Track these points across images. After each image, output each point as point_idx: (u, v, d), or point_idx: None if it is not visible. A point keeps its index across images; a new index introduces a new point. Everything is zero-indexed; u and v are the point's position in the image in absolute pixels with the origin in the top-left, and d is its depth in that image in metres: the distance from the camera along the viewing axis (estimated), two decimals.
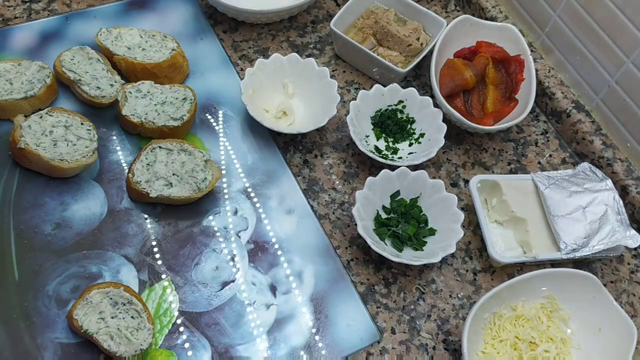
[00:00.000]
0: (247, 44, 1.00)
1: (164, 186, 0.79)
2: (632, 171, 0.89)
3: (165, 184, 0.79)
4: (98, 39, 0.90)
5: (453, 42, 0.96)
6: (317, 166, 0.89)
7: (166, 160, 0.80)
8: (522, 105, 0.92)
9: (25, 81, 0.84)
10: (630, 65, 0.85)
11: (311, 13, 1.06)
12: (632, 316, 0.80)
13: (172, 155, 0.81)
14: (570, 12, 0.93)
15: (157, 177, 0.79)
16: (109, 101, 0.86)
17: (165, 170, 0.79)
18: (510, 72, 0.95)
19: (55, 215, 0.79)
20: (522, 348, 0.73)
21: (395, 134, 0.91)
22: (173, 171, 0.80)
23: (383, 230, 0.81)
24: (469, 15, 0.97)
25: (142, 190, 0.78)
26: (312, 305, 0.76)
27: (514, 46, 0.95)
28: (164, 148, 0.81)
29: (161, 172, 0.79)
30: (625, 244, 0.79)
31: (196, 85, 0.93)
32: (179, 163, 0.80)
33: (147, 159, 0.80)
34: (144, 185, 0.78)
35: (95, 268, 0.75)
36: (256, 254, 0.79)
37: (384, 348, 0.75)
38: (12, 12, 0.97)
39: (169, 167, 0.80)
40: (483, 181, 0.85)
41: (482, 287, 0.81)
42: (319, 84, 0.91)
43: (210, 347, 0.72)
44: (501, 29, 0.96)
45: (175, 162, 0.80)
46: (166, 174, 0.79)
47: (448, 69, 0.92)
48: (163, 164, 0.80)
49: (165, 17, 1.00)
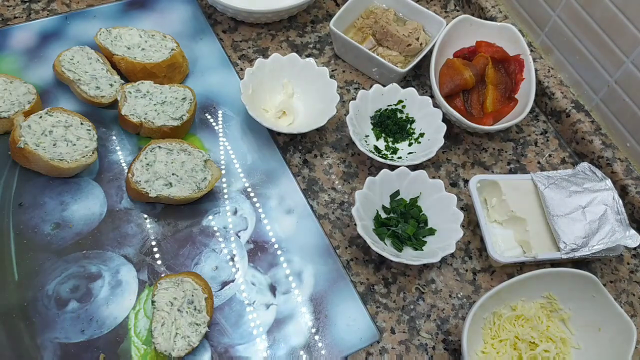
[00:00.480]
0: (246, 44, 1.00)
1: (164, 186, 0.79)
2: (632, 171, 0.89)
3: (165, 184, 0.79)
4: (97, 38, 0.90)
5: (453, 41, 0.96)
6: (316, 166, 0.89)
7: (166, 160, 0.80)
8: (522, 105, 0.92)
9: (8, 101, 0.82)
10: (630, 65, 0.85)
11: (311, 13, 1.06)
12: (631, 316, 0.80)
13: (172, 155, 0.81)
14: (569, 11, 0.93)
15: (156, 177, 0.79)
16: (108, 101, 0.87)
17: (165, 170, 0.79)
18: (509, 72, 0.95)
19: (55, 215, 0.79)
20: (522, 348, 0.73)
21: (395, 134, 0.91)
22: (173, 171, 0.80)
23: (383, 230, 0.81)
24: (469, 15, 0.97)
25: (142, 190, 0.78)
26: (311, 305, 0.76)
27: (513, 46, 0.95)
28: (164, 148, 0.81)
29: (161, 171, 0.79)
30: (625, 244, 0.79)
31: (196, 85, 0.93)
32: (179, 163, 0.80)
33: (146, 159, 0.80)
34: (144, 185, 0.78)
35: (94, 268, 0.75)
36: (256, 253, 0.79)
37: (384, 348, 0.75)
38: (11, 12, 0.97)
39: (168, 167, 0.80)
40: (483, 181, 0.85)
41: (482, 287, 0.81)
42: (318, 84, 0.91)
43: (210, 347, 0.72)
44: (501, 29, 0.96)
45: (175, 162, 0.80)
46: (166, 173, 0.79)
47: (448, 68, 0.92)
48: (163, 164, 0.80)
49: (164, 17, 1.00)
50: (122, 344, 0.71)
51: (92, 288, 0.74)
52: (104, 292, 0.74)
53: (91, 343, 0.70)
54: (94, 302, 0.73)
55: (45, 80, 0.90)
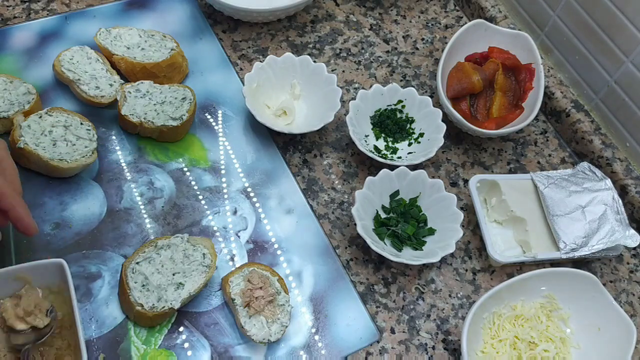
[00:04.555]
0: (246, 44, 1.00)
1: (176, 291, 0.72)
2: (631, 171, 0.89)
3: (175, 289, 0.72)
4: (97, 38, 0.90)
5: (465, 45, 0.96)
6: (316, 166, 0.89)
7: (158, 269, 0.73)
8: (527, 112, 0.91)
9: (7, 101, 0.82)
10: (630, 65, 0.85)
11: (310, 13, 1.06)
12: (631, 316, 0.80)
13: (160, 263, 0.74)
14: (569, 11, 0.93)
15: (159, 289, 0.72)
16: (108, 101, 0.86)
17: (165, 279, 0.72)
18: (519, 79, 0.94)
19: (55, 215, 0.79)
20: (522, 348, 0.73)
21: (395, 134, 0.91)
22: (173, 271, 0.73)
23: (382, 229, 0.81)
24: (484, 20, 0.97)
25: (162, 312, 0.70)
26: (311, 305, 0.76)
27: (526, 54, 0.94)
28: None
29: (161, 280, 0.72)
30: (625, 244, 0.80)
31: (195, 85, 0.93)
32: (171, 263, 0.73)
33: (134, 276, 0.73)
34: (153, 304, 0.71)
35: (94, 268, 0.75)
36: (255, 253, 0.79)
37: (384, 348, 0.75)
38: (11, 12, 0.97)
39: (164, 274, 0.72)
40: (482, 181, 0.85)
41: (482, 287, 0.81)
42: (325, 90, 0.91)
43: (210, 346, 0.72)
44: (515, 37, 0.96)
45: (166, 264, 0.73)
46: (167, 281, 0.72)
47: (457, 71, 0.92)
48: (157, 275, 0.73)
49: (164, 17, 1.00)
50: (122, 344, 0.71)
51: (91, 288, 0.74)
52: (103, 292, 0.74)
53: (91, 343, 0.70)
54: (93, 302, 0.73)
55: (45, 80, 0.90)
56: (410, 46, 1.05)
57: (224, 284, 0.73)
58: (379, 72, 1.00)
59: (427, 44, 1.05)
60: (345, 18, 1.06)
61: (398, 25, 1.07)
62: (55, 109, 0.83)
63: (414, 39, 1.06)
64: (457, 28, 1.02)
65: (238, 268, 0.74)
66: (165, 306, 0.70)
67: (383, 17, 1.08)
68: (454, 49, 0.94)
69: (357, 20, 1.06)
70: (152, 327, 0.72)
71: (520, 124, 0.88)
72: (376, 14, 1.08)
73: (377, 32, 1.05)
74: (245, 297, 0.71)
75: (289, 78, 0.93)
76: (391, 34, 1.06)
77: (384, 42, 1.04)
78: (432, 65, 1.02)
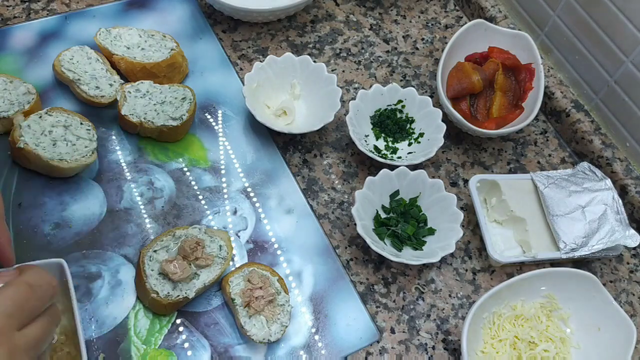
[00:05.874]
0: (246, 44, 1.00)
1: (191, 281, 0.73)
2: (632, 170, 0.89)
3: (191, 279, 0.73)
4: (97, 38, 0.90)
5: (465, 45, 0.96)
6: (316, 166, 0.89)
7: None
8: (526, 113, 0.91)
9: (7, 101, 0.82)
10: (630, 64, 0.85)
11: (310, 13, 1.06)
12: (631, 315, 0.80)
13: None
14: (569, 11, 0.93)
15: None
16: (108, 101, 0.86)
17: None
18: (519, 79, 0.94)
19: (55, 215, 0.79)
20: (522, 347, 0.73)
21: (395, 134, 0.91)
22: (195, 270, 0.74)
23: (382, 229, 0.81)
24: (483, 20, 0.97)
25: (177, 300, 0.72)
26: (311, 304, 0.76)
27: (526, 54, 0.94)
28: None
29: None
30: (625, 244, 0.80)
31: (195, 85, 0.93)
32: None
33: None
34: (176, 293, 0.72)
35: (94, 268, 0.75)
36: (255, 253, 0.79)
37: (384, 348, 0.75)
38: (11, 12, 0.97)
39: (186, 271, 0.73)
40: (482, 181, 0.85)
41: (482, 287, 0.81)
42: (325, 90, 0.91)
43: (210, 346, 0.72)
44: (515, 37, 0.96)
45: None
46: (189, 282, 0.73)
47: (457, 71, 0.92)
48: None
49: (164, 17, 1.00)
50: (122, 344, 0.71)
51: (91, 288, 0.74)
52: (103, 292, 0.74)
53: (91, 343, 0.70)
54: (93, 302, 0.73)
55: (45, 80, 0.90)
56: (410, 46, 1.05)
57: (224, 284, 0.73)
58: (379, 72, 1.00)
59: (427, 44, 1.05)
60: (345, 18, 1.06)
61: (398, 25, 1.07)
62: (55, 109, 0.83)
63: (414, 38, 1.06)
64: (457, 28, 1.02)
65: (238, 268, 0.74)
66: (180, 295, 0.71)
67: (383, 17, 1.08)
68: (454, 49, 0.95)
69: (357, 20, 1.06)
70: (164, 315, 0.73)
71: (520, 124, 0.88)
72: (376, 14, 1.08)
73: (377, 32, 1.05)
74: (245, 297, 0.71)
75: (289, 78, 0.93)
76: (391, 34, 1.06)
77: (384, 42, 1.04)
78: (432, 65, 1.02)
